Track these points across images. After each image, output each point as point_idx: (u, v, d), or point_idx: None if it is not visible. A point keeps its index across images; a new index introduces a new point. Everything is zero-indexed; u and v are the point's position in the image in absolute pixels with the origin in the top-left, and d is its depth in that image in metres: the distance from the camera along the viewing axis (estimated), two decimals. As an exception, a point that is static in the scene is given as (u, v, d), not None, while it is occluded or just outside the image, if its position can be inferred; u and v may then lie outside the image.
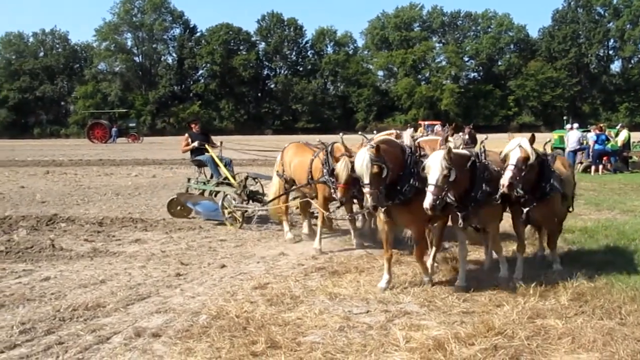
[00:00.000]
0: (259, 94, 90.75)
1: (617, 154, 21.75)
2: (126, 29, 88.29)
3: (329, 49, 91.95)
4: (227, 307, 5.60)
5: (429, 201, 5.53)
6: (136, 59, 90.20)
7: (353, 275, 6.85)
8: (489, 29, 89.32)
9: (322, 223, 8.66)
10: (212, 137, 12.24)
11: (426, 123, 42.96)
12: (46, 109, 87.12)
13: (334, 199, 8.05)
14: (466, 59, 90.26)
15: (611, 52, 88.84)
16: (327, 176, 7.95)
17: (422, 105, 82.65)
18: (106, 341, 4.84)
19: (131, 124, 60.33)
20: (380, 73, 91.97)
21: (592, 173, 20.57)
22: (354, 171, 6.13)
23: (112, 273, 7.08)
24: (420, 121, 51.38)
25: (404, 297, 6.00)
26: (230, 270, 7.28)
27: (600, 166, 21.01)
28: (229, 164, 11.43)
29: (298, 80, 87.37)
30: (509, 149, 6.14)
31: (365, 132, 11.17)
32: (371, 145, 5.89)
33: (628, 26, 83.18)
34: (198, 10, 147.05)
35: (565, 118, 41.59)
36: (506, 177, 5.94)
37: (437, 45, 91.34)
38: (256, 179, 11.31)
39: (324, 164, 8.13)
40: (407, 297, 5.98)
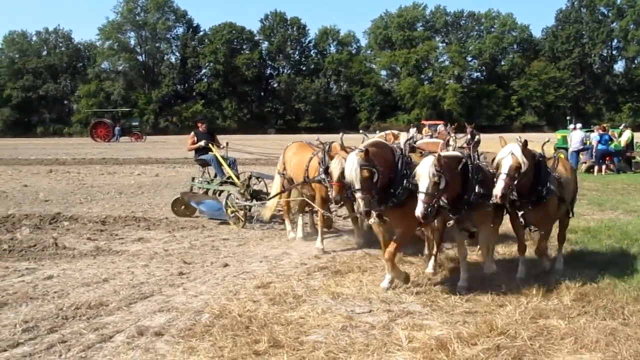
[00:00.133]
0: (262, 93, 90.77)
1: (620, 154, 21.70)
2: (129, 28, 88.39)
3: (332, 49, 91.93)
4: (230, 306, 5.60)
5: (421, 209, 5.48)
6: (139, 58, 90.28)
7: (356, 274, 6.85)
8: (492, 29, 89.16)
9: (322, 223, 8.65)
10: (217, 137, 12.23)
11: (429, 123, 42.93)
12: (49, 107, 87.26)
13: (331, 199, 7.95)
14: (469, 58, 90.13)
15: (615, 52, 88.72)
16: (323, 175, 7.89)
17: (425, 105, 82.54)
18: (109, 340, 4.84)
19: (134, 123, 60.40)
20: (383, 73, 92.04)
21: (595, 173, 20.52)
22: None
23: (115, 272, 7.09)
24: (423, 121, 51.32)
25: (406, 296, 6.00)
26: (233, 270, 7.28)
27: (604, 166, 20.96)
28: (233, 163, 11.44)
29: (301, 79, 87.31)
30: (501, 156, 5.98)
31: (368, 132, 11.14)
32: (360, 149, 5.77)
33: (632, 26, 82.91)
34: (201, 10, 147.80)
35: (568, 118, 41.43)
36: (499, 187, 5.82)
37: (440, 45, 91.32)
38: (259, 178, 11.32)
39: (321, 163, 8.09)
40: (409, 297, 5.98)
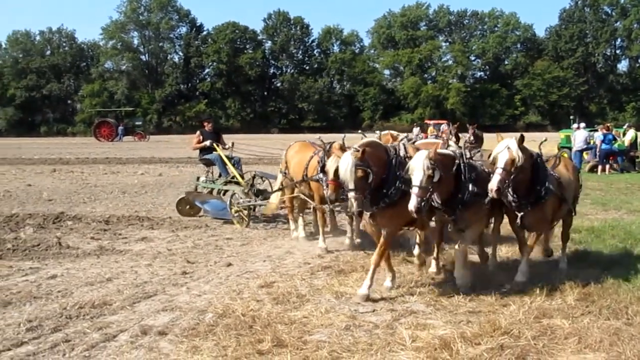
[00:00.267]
0: (265, 93, 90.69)
1: (624, 154, 21.68)
2: (133, 27, 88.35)
3: (335, 48, 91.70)
4: (233, 306, 5.61)
5: (414, 203, 5.42)
6: (143, 57, 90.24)
7: (359, 274, 6.82)
8: (496, 28, 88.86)
9: (324, 222, 8.65)
10: (223, 136, 12.24)
11: (433, 122, 42.92)
12: (53, 107, 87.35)
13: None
14: (472, 58, 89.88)
15: (618, 52, 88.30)
16: (320, 174, 7.83)
17: (429, 104, 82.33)
18: (112, 339, 4.85)
19: (137, 123, 60.43)
20: (387, 72, 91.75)
21: (599, 173, 20.48)
22: None
23: (119, 271, 7.11)
24: (427, 120, 51.28)
25: (410, 296, 6.00)
26: (237, 269, 7.29)
27: (607, 166, 20.94)
28: (238, 162, 11.45)
29: (304, 79, 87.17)
30: (497, 151, 5.89)
31: (372, 131, 11.12)
32: (355, 149, 5.72)
33: (635, 25, 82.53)
34: (204, 9, 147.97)
35: (572, 117, 41.30)
36: (494, 181, 5.72)
37: (444, 44, 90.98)
38: (264, 177, 11.33)
39: (320, 162, 8.05)
40: (413, 297, 5.99)
